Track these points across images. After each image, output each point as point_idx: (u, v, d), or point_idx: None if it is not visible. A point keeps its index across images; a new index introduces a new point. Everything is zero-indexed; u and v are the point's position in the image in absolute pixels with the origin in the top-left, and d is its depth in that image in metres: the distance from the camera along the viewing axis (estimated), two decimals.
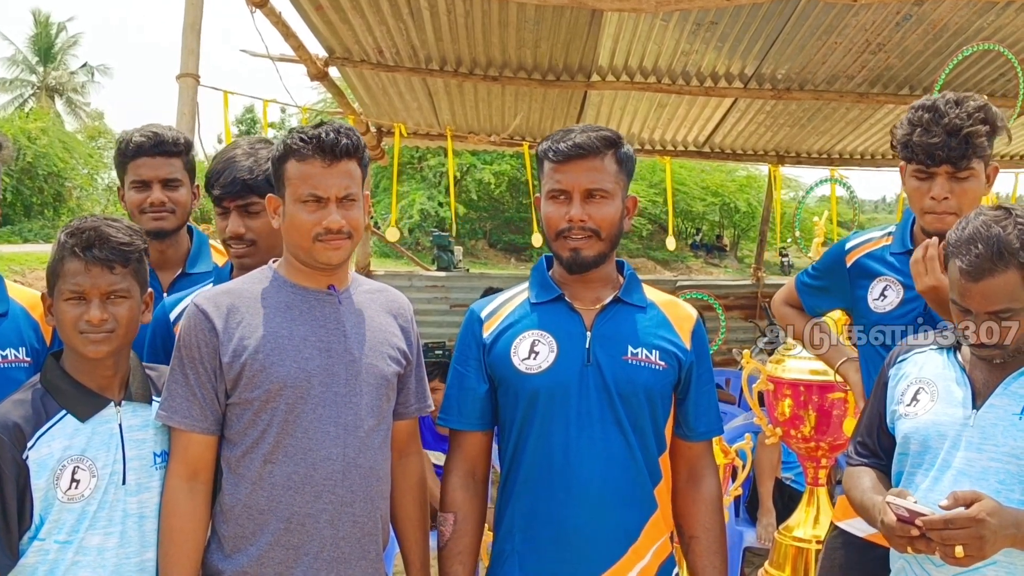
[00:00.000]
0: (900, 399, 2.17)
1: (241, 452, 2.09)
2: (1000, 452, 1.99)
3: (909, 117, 2.42)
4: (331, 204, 2.07)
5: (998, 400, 2.03)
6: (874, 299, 2.61)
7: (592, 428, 2.16)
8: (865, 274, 2.65)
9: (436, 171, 26.13)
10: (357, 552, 2.13)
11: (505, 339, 2.25)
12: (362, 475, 2.12)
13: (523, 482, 2.21)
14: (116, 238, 2.05)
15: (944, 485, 2.02)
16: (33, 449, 1.98)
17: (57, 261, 2.06)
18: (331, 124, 2.11)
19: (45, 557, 1.98)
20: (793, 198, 23.42)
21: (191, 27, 4.88)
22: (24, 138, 25.33)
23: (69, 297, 2.04)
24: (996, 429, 2.00)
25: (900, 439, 2.15)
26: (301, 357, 2.08)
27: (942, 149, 2.34)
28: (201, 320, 2.09)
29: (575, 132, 2.20)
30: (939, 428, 2.07)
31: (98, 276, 2.04)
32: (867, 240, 2.71)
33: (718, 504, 2.32)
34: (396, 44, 6.54)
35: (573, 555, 2.15)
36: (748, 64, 6.86)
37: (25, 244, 21.94)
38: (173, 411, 2.09)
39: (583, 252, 2.19)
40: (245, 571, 2.06)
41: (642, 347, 2.21)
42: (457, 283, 9.89)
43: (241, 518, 2.07)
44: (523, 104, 8.03)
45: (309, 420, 2.07)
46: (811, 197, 6.69)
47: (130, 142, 2.82)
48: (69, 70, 42.51)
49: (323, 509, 2.07)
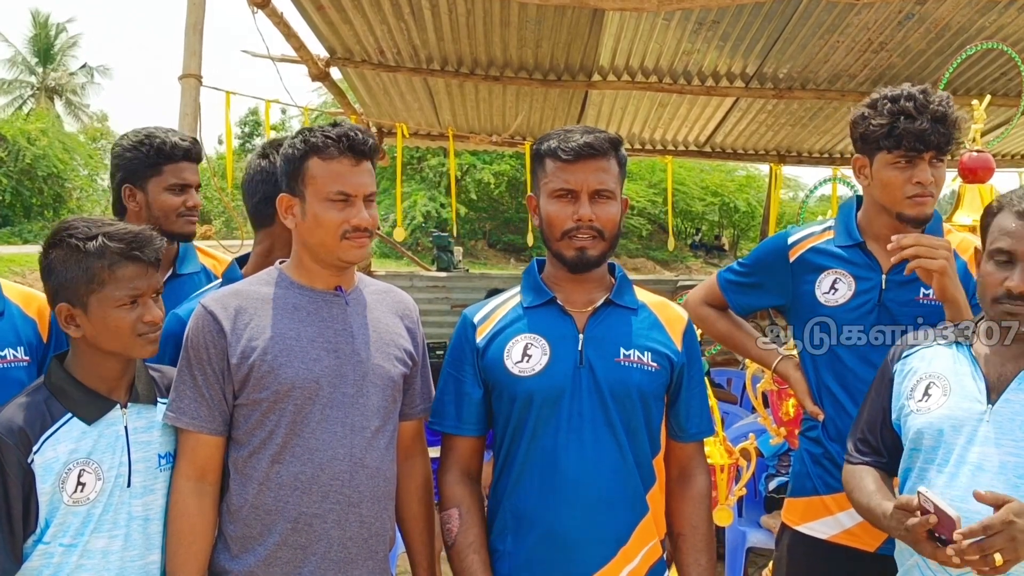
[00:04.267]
0: (910, 394, 2.15)
1: (248, 452, 2.08)
2: (1019, 447, 1.97)
3: (887, 108, 2.42)
4: (359, 202, 2.10)
5: (1014, 395, 2.01)
6: (823, 292, 2.58)
7: (583, 430, 2.16)
8: (811, 268, 2.62)
9: (436, 171, 26.15)
10: (364, 552, 2.13)
11: (498, 343, 2.25)
12: (369, 475, 2.12)
13: (515, 483, 2.21)
14: (157, 237, 2.09)
15: (961, 481, 2.00)
16: (39, 453, 1.96)
17: (98, 268, 2.01)
18: (348, 124, 2.14)
19: (49, 560, 1.97)
20: (793, 198, 23.45)
21: (193, 28, 4.88)
22: (24, 139, 25.34)
23: (125, 302, 2.02)
24: (1014, 424, 1.99)
25: (912, 434, 2.12)
26: (309, 358, 2.08)
27: (932, 135, 2.37)
28: (209, 322, 2.09)
29: (579, 132, 2.20)
30: (953, 422, 2.05)
31: (151, 277, 2.06)
32: (810, 235, 2.68)
33: (706, 503, 2.33)
34: (397, 44, 6.54)
35: (562, 556, 2.15)
36: (750, 63, 6.86)
37: (25, 245, 21.94)
38: (181, 412, 2.08)
39: (589, 252, 2.19)
40: (252, 571, 2.06)
41: (634, 349, 2.21)
42: (458, 283, 9.90)
43: (248, 518, 2.07)
44: (524, 104, 8.03)
45: (317, 421, 2.07)
46: (813, 197, 6.69)
47: (170, 144, 2.81)
48: (69, 71, 42.45)
49: (330, 509, 2.07)
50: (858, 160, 2.55)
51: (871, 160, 2.49)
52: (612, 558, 2.16)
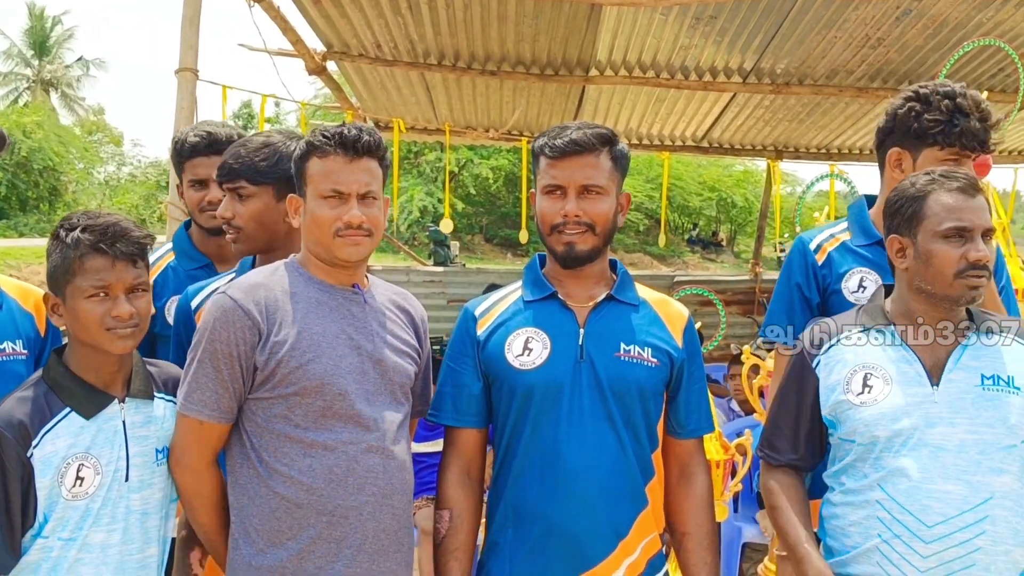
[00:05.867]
0: (846, 388, 2.17)
1: (274, 446, 2.07)
2: (975, 423, 2.05)
3: (943, 104, 2.42)
4: (352, 200, 2.08)
5: (955, 375, 2.09)
6: (852, 291, 2.58)
7: (583, 424, 2.18)
8: (836, 268, 2.62)
9: (434, 166, 26.15)
10: (395, 544, 2.14)
11: (499, 336, 2.27)
12: (398, 468, 2.14)
13: (515, 476, 2.23)
14: (135, 232, 2.06)
15: (925, 463, 2.05)
16: (38, 447, 1.96)
17: (72, 259, 2.02)
18: (354, 124, 2.14)
19: (48, 555, 1.97)
20: (790, 193, 23.46)
21: (190, 21, 4.86)
22: (20, 132, 25.29)
23: (92, 294, 2.01)
24: (964, 402, 2.07)
25: (861, 428, 2.14)
26: (336, 354, 2.08)
27: (982, 134, 2.41)
28: (240, 316, 2.05)
29: (571, 129, 2.22)
30: (907, 409, 2.10)
31: (123, 271, 2.03)
32: (831, 236, 2.68)
33: (709, 500, 2.34)
34: (394, 38, 6.53)
35: (562, 549, 2.16)
36: (747, 58, 6.86)
37: (21, 239, 21.93)
38: (203, 404, 2.06)
39: (577, 246, 2.21)
40: (284, 566, 2.04)
41: (635, 344, 2.23)
42: (455, 278, 9.87)
43: (278, 511, 2.05)
44: (521, 99, 8.02)
45: (347, 416, 2.07)
46: (810, 192, 6.70)
47: (185, 142, 2.87)
48: (64, 64, 42.32)
49: (366, 502, 2.07)
50: (895, 153, 2.52)
51: (915, 155, 2.47)
52: (612, 551, 2.17)
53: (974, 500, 2.01)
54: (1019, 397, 2.07)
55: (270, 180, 2.43)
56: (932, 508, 2.03)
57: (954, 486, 2.02)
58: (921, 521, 2.03)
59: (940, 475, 2.04)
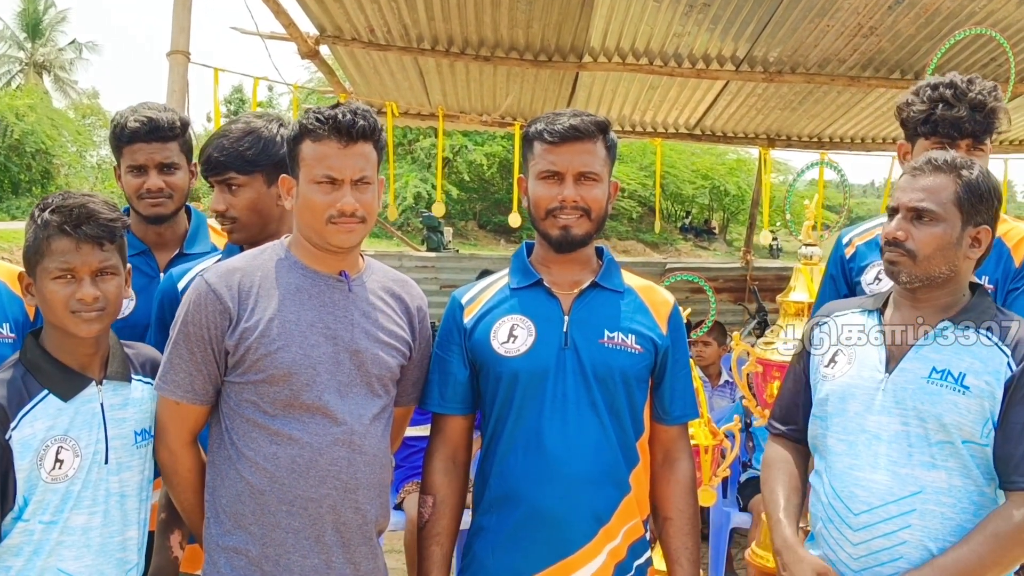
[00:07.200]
0: (822, 360, 2.23)
1: (243, 431, 2.07)
2: (910, 416, 2.04)
3: (927, 95, 2.47)
4: (345, 186, 2.05)
5: (909, 364, 2.09)
6: (868, 284, 2.64)
7: (567, 410, 2.19)
8: (859, 261, 2.69)
9: (428, 152, 26.06)
10: (358, 538, 2.13)
11: (485, 323, 2.28)
12: (366, 462, 2.12)
13: (500, 461, 2.24)
14: (104, 214, 2.02)
15: (859, 449, 2.08)
16: (16, 429, 1.94)
17: (41, 240, 2.00)
18: (348, 105, 2.09)
19: (30, 538, 1.96)
20: (782, 182, 23.46)
21: (182, 4, 4.85)
22: (12, 115, 25.16)
23: (58, 276, 1.99)
24: (906, 393, 2.06)
25: (817, 400, 2.21)
26: (307, 344, 2.07)
27: (968, 123, 2.42)
28: (212, 300, 2.06)
29: (567, 115, 2.22)
30: (854, 391, 2.12)
31: (88, 253, 2.00)
32: (867, 229, 2.74)
33: (692, 486, 2.36)
34: (387, 23, 6.51)
35: (544, 533, 2.18)
36: (740, 47, 6.85)
37: (13, 221, 21.81)
38: (176, 385, 2.08)
39: (573, 230, 2.22)
40: (247, 549, 2.05)
41: (619, 331, 2.25)
42: (447, 264, 9.89)
43: (243, 495, 2.06)
44: (514, 85, 8.01)
45: (315, 407, 2.06)
46: (801, 181, 6.70)
47: (124, 126, 2.71)
48: (57, 47, 42.07)
49: (327, 495, 2.06)
50: (903, 146, 2.58)
51: (913, 146, 2.53)
52: (594, 536, 2.18)
53: (899, 492, 2.01)
54: (964, 397, 2.00)
55: (259, 167, 2.41)
56: (858, 496, 2.05)
57: (882, 476, 2.03)
58: (849, 508, 2.06)
59: (870, 464, 2.05)
